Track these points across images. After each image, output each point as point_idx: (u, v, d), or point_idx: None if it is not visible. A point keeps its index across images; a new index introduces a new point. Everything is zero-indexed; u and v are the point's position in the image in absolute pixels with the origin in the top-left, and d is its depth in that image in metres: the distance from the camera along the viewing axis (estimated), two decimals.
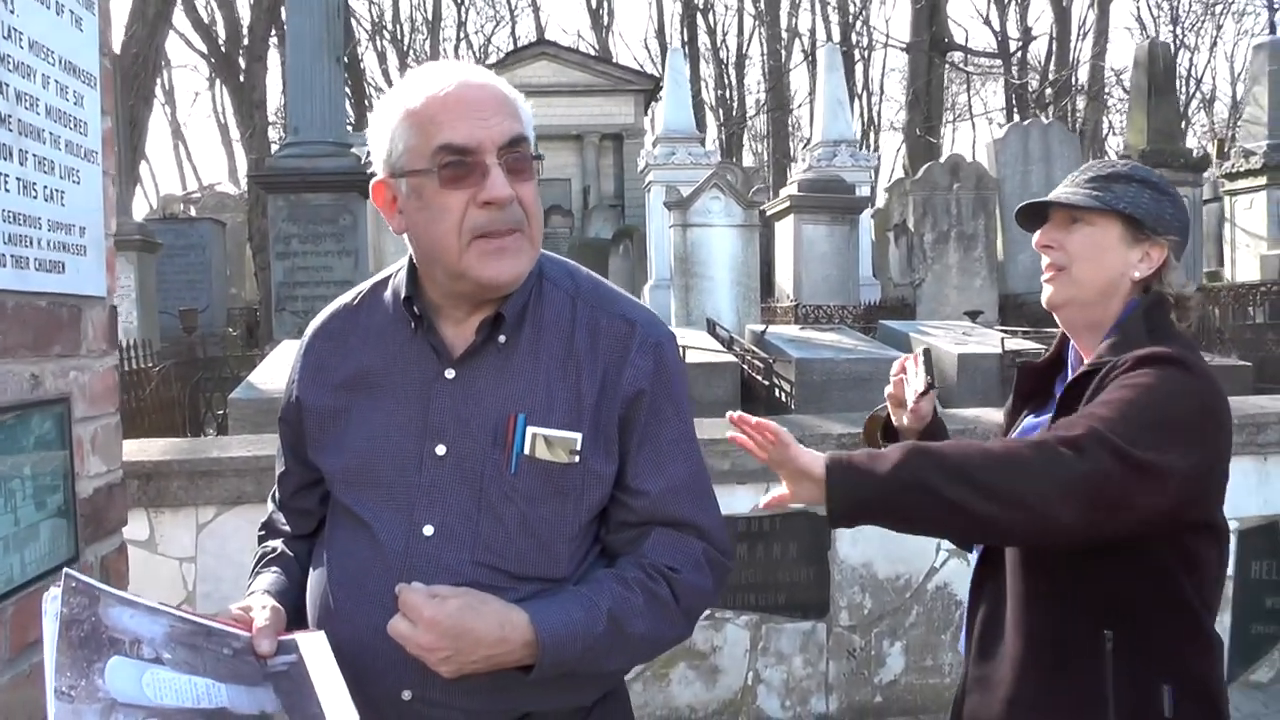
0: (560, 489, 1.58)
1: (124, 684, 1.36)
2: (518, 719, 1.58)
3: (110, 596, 1.40)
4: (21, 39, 1.72)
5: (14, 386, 1.68)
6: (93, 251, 1.98)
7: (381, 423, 1.62)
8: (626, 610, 1.55)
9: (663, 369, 1.65)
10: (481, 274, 1.54)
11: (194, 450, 4.49)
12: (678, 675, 4.51)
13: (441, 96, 1.53)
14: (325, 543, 1.68)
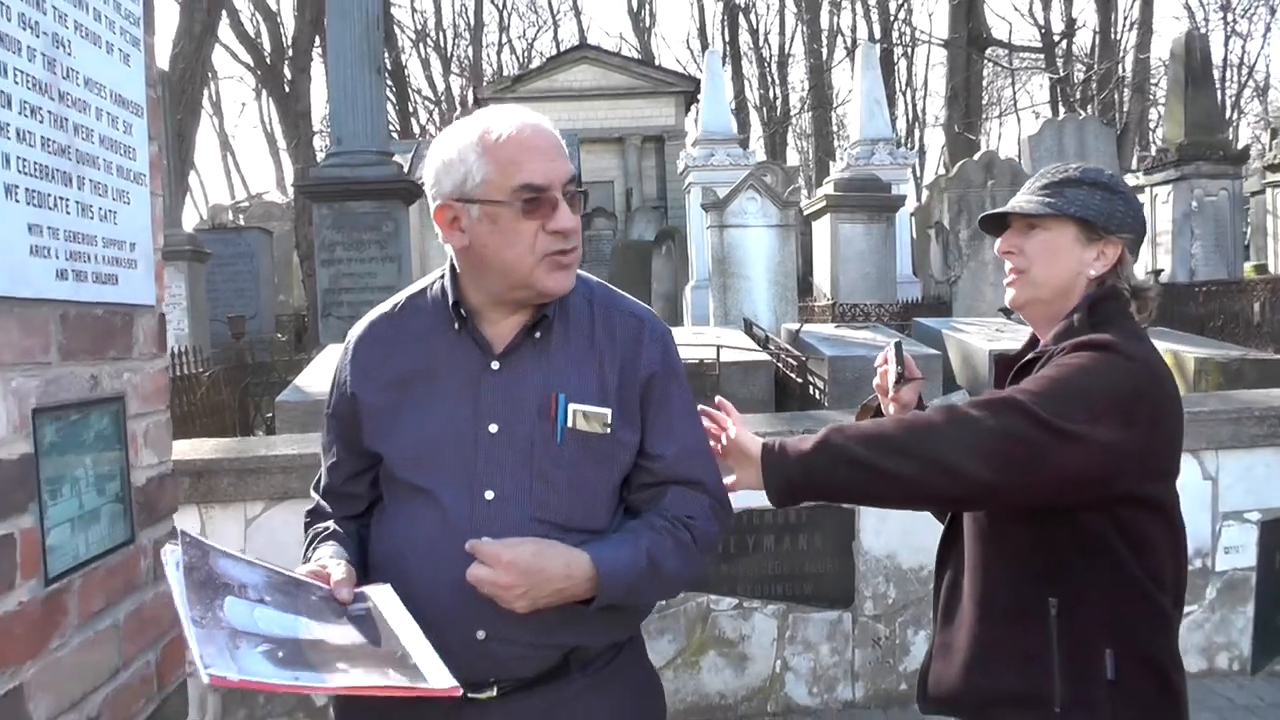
0: (597, 455, 1.87)
1: (239, 618, 1.62)
2: (567, 653, 1.87)
3: (216, 551, 1.71)
4: (78, 77, 1.91)
5: (76, 386, 1.87)
6: (142, 264, 2.18)
7: (437, 410, 1.89)
8: (660, 551, 1.84)
9: (668, 355, 1.98)
10: (548, 285, 1.84)
11: (242, 449, 4.70)
12: (708, 663, 4.66)
13: (520, 139, 1.81)
14: (388, 517, 1.94)
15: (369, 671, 1.60)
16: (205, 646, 1.51)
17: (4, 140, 1.66)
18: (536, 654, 1.84)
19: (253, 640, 1.59)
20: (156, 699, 2.16)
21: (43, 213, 1.77)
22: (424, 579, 1.82)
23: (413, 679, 1.60)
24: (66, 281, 1.85)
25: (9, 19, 1.69)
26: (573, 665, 1.88)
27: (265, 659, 1.55)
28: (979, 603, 2.02)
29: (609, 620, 1.87)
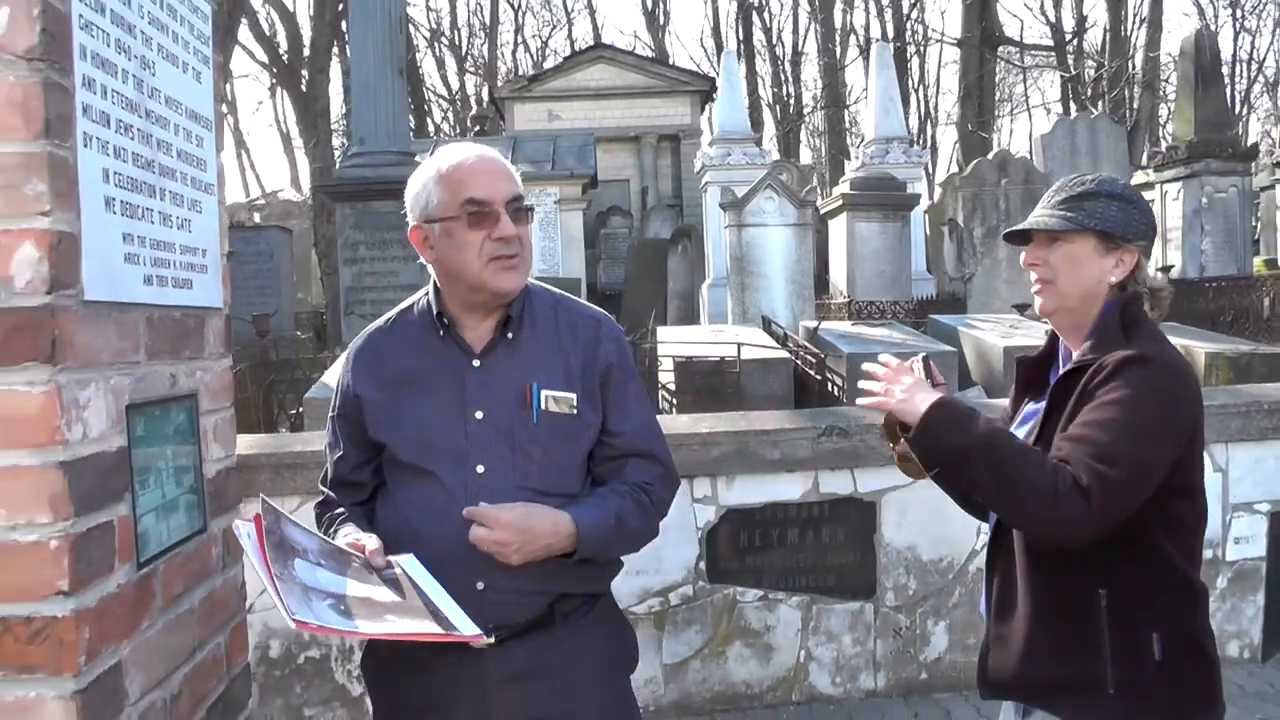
0: (567, 432, 2.24)
1: (307, 576, 1.94)
2: (552, 603, 2.21)
3: (285, 518, 2.05)
4: (160, 96, 2.05)
5: (159, 384, 2.01)
6: (212, 269, 2.31)
7: (430, 403, 2.23)
8: (625, 512, 2.21)
9: (622, 350, 2.35)
10: (495, 284, 2.18)
11: (279, 445, 4.82)
12: (734, 653, 4.78)
13: (465, 165, 2.20)
14: (394, 495, 2.27)
15: (412, 621, 1.94)
16: (288, 598, 1.83)
17: (104, 156, 1.79)
18: (527, 601, 2.19)
19: (320, 595, 1.92)
20: (226, 679, 2.30)
21: (133, 223, 1.90)
22: (431, 542, 2.15)
23: (447, 628, 1.95)
24: (152, 287, 1.98)
25: (108, 44, 1.82)
26: (556, 615, 2.23)
27: (332, 610, 1.90)
28: (1032, 598, 2.16)
29: (585, 574, 2.24)
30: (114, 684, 1.76)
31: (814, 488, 4.79)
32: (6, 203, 1.62)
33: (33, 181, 1.62)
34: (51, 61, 1.64)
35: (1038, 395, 2.36)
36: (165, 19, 2.09)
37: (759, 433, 4.69)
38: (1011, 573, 2.21)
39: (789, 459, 4.71)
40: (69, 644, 1.64)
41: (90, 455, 1.72)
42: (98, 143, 1.77)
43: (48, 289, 1.63)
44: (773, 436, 4.69)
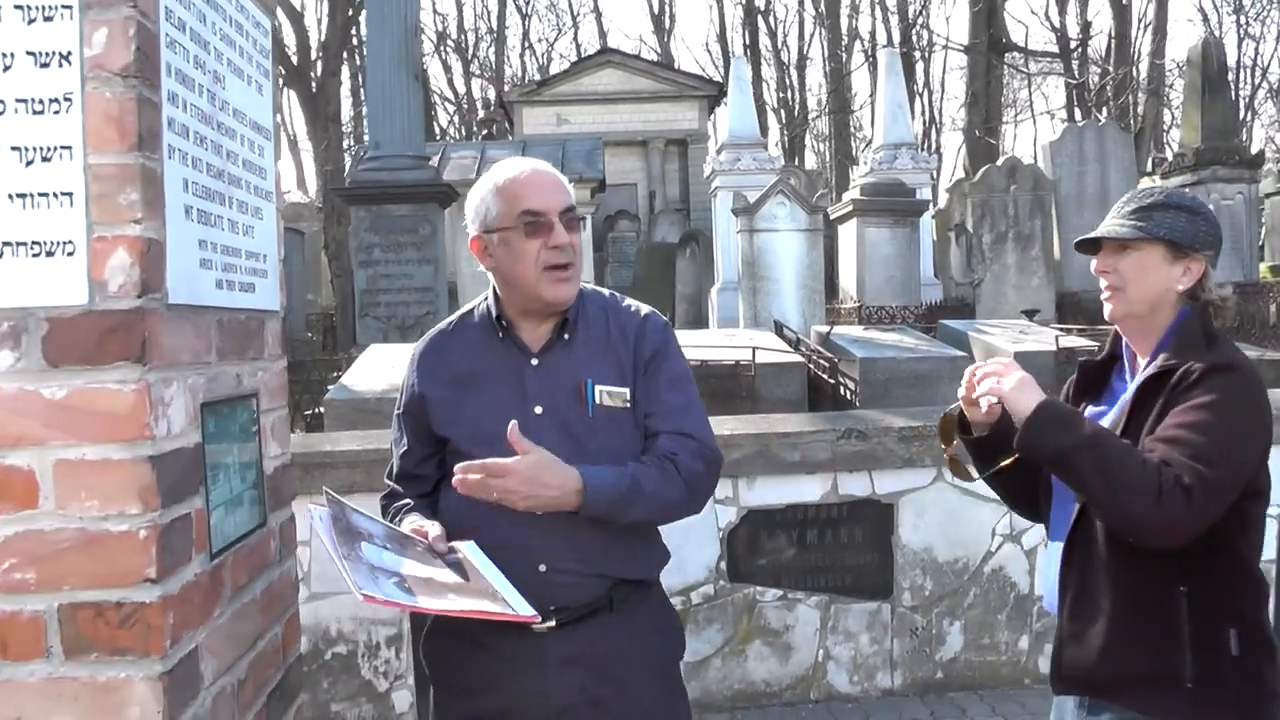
0: (620, 425, 2.39)
1: (373, 557, 2.10)
2: (610, 588, 2.36)
3: (349, 508, 2.26)
4: (229, 108, 2.15)
5: (227, 384, 2.10)
6: (271, 274, 2.41)
7: (490, 398, 2.40)
8: (643, 475, 2.30)
9: (665, 338, 2.49)
10: (549, 295, 2.36)
11: (307, 445, 4.93)
12: (754, 651, 4.88)
13: (521, 179, 2.38)
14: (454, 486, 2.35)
15: (471, 600, 2.10)
16: (356, 576, 2.01)
17: (184, 167, 1.89)
18: (587, 584, 2.33)
19: (386, 574, 2.09)
20: (283, 668, 2.39)
21: (207, 229, 2.00)
22: (492, 529, 2.30)
23: (504, 608, 2.09)
24: (222, 291, 2.08)
25: (188, 61, 1.92)
26: (614, 602, 2.36)
27: (397, 588, 2.06)
28: (1114, 595, 2.26)
29: (639, 557, 2.43)
30: (193, 667, 1.86)
31: (833, 489, 4.89)
32: (102, 211, 1.71)
33: (126, 191, 1.71)
34: (144, 79, 1.74)
35: (1096, 399, 2.47)
36: (233, 34, 2.19)
37: (779, 435, 4.80)
38: (1090, 571, 2.30)
39: (809, 461, 4.82)
40: (156, 628, 1.74)
41: (173, 450, 1.81)
42: (179, 154, 1.87)
43: (138, 293, 1.72)
44: (793, 439, 4.80)
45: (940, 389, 7.66)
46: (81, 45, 1.72)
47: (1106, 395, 2.45)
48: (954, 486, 4.97)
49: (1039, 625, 5.09)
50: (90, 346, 1.72)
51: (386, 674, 4.72)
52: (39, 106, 1.72)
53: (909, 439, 4.92)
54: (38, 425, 1.73)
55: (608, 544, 2.34)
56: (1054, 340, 8.32)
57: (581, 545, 2.31)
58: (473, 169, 20.76)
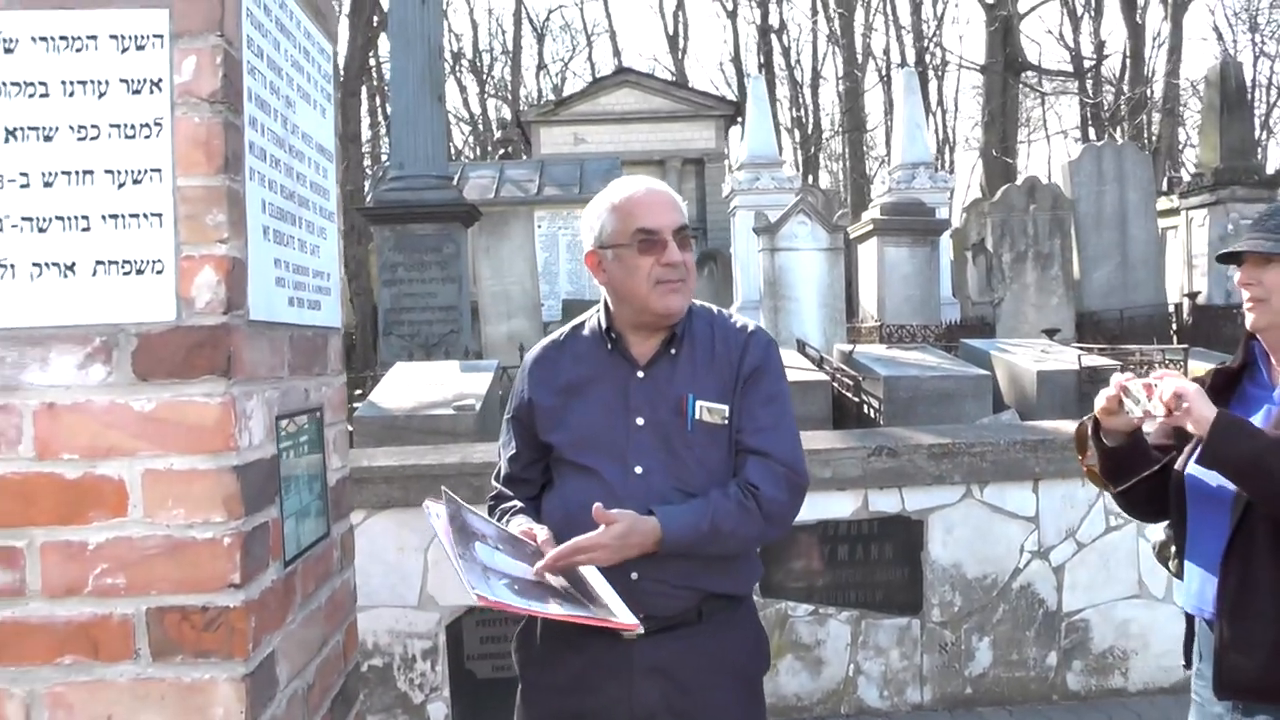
0: (718, 440, 2.45)
1: (486, 558, 2.18)
2: (700, 601, 2.42)
3: (463, 506, 2.33)
4: (298, 132, 2.23)
5: (297, 398, 2.18)
6: (334, 292, 2.49)
7: (596, 407, 2.48)
8: (722, 515, 2.35)
9: (768, 354, 2.53)
10: (661, 306, 2.43)
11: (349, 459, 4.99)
12: (785, 666, 4.92)
13: (636, 197, 2.46)
14: (558, 489, 2.52)
15: (575, 607, 2.17)
16: (470, 575, 2.07)
17: (262, 188, 1.97)
18: (677, 594, 2.39)
19: (497, 575, 2.16)
20: (344, 674, 2.46)
21: (281, 249, 2.07)
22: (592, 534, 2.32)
23: (605, 615, 2.15)
24: (294, 308, 2.15)
25: (265, 86, 2.00)
26: (703, 615, 2.43)
27: (507, 589, 2.13)
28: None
29: (730, 573, 2.47)
30: (271, 670, 1.93)
31: (863, 505, 4.94)
32: (190, 231, 1.79)
33: (213, 212, 1.79)
34: (229, 104, 1.82)
35: (1226, 405, 2.50)
36: (302, 61, 2.27)
37: (811, 452, 4.79)
38: (1253, 578, 2.33)
39: (839, 477, 4.88)
40: (240, 631, 1.80)
41: (254, 461, 1.89)
42: (259, 176, 1.95)
43: (224, 309, 1.80)
44: (824, 456, 4.85)
45: (964, 407, 7.70)
46: (172, 72, 1.80)
47: (1237, 401, 2.50)
48: (982, 503, 5.02)
49: (1066, 642, 5.12)
50: (178, 361, 1.80)
51: (422, 686, 4.78)
52: (131, 131, 1.80)
53: (938, 456, 4.97)
54: (127, 437, 1.80)
55: (699, 560, 2.39)
56: (1076, 359, 8.35)
57: (676, 558, 2.35)
58: (491, 189, 20.92)
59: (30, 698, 1.80)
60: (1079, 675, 5.16)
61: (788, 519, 2.51)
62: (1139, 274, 15.15)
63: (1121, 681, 5.19)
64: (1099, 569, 5.14)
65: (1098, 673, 5.17)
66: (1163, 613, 5.15)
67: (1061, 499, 5.10)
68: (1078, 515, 5.12)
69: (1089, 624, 5.15)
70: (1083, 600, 5.14)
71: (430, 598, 4.74)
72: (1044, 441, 5.07)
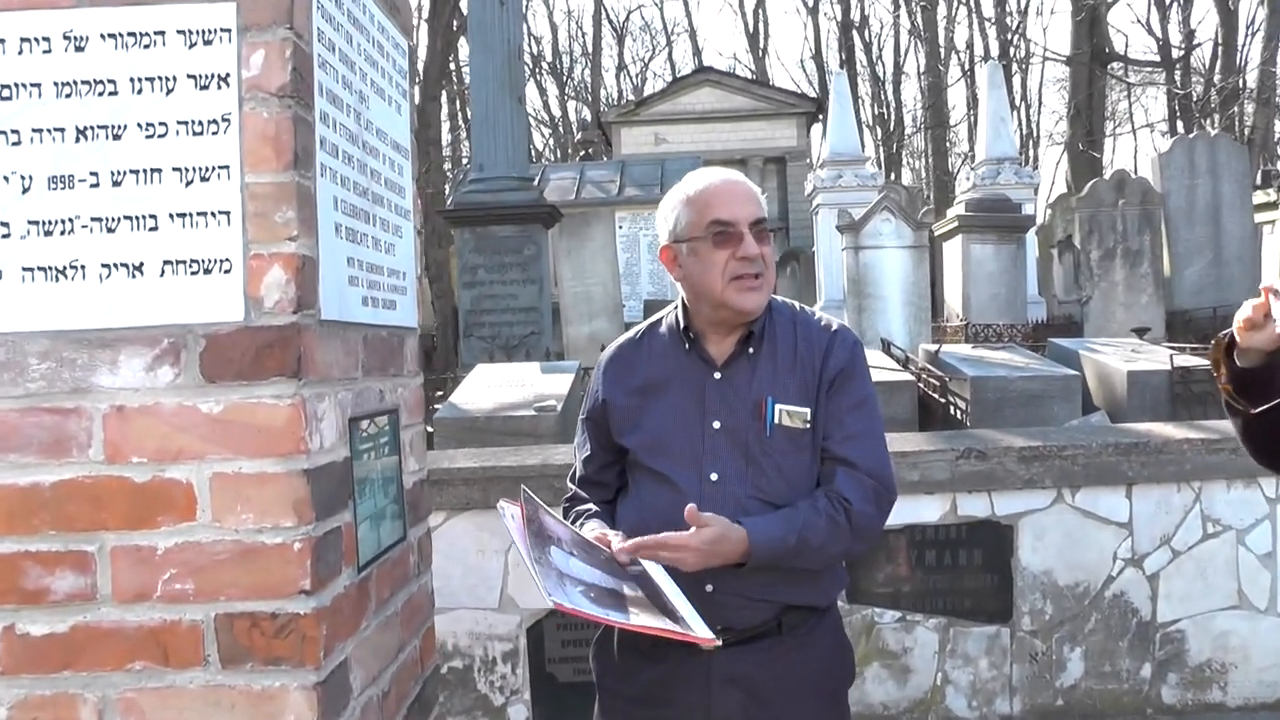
0: (798, 445, 2.32)
1: (562, 563, 2.09)
2: (780, 612, 2.31)
3: (541, 508, 2.21)
4: (373, 128, 2.19)
5: (372, 399, 2.14)
6: (410, 291, 2.45)
7: (671, 410, 2.37)
8: (811, 529, 2.23)
9: (854, 356, 2.40)
10: (737, 303, 2.29)
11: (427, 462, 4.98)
12: (872, 674, 4.81)
13: (711, 189, 2.34)
14: (634, 495, 2.42)
15: (653, 618, 2.05)
16: (546, 581, 1.99)
17: (334, 185, 1.92)
18: (754, 607, 2.28)
19: (574, 582, 2.07)
20: (421, 680, 2.41)
21: (354, 247, 2.03)
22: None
23: (684, 628, 2.03)
24: (368, 308, 2.11)
25: (337, 81, 1.96)
26: (784, 626, 2.32)
27: (583, 596, 2.04)
28: None
29: (812, 585, 2.35)
30: (344, 678, 1.88)
31: (951, 510, 4.81)
32: (258, 229, 1.75)
33: (283, 209, 1.75)
34: (299, 99, 1.78)
35: None
36: (376, 55, 2.23)
37: (898, 454, 4.72)
38: None
39: (927, 480, 4.75)
40: (312, 639, 1.76)
41: (325, 464, 1.84)
42: (330, 172, 1.90)
43: (293, 309, 1.75)
44: (911, 458, 4.73)
45: (1053, 408, 7.49)
46: (240, 67, 1.76)
47: None
48: (1074, 508, 4.86)
49: (1161, 653, 4.94)
50: (247, 362, 1.76)
51: (502, 689, 4.74)
52: (198, 128, 1.77)
53: (1028, 459, 4.81)
54: (196, 439, 1.77)
55: (779, 572, 2.28)
56: (1168, 359, 8.09)
57: (751, 571, 2.23)
58: (572, 190, 20.96)
59: (103, 703, 1.78)
60: (1174, 689, 4.97)
61: (876, 533, 2.41)
62: (1233, 270, 14.68)
63: (1220, 696, 4.98)
64: (1195, 578, 4.95)
65: (1194, 686, 4.98)
66: (1265, 625, 4.95)
67: (1156, 505, 4.92)
68: (1173, 522, 4.93)
69: (1185, 635, 4.96)
70: (1179, 610, 4.95)
71: (511, 600, 4.70)
72: (1137, 445, 4.89)
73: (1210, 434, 4.99)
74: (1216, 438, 4.92)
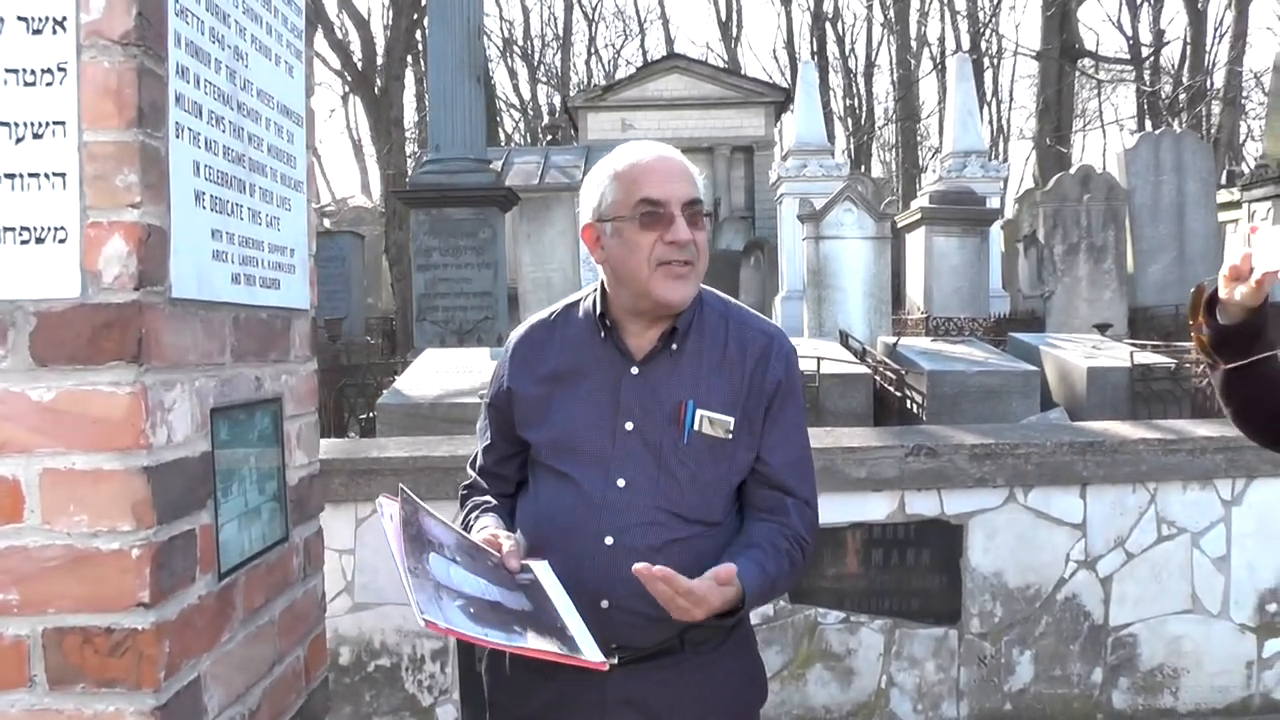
0: (718, 457, 2.11)
1: (440, 573, 1.88)
2: (682, 631, 2.08)
3: (423, 509, 1.99)
4: (252, 88, 1.98)
5: (244, 387, 1.93)
6: (300, 270, 2.24)
7: (581, 405, 2.15)
8: (779, 574, 2.08)
9: (791, 371, 2.21)
10: (661, 293, 2.07)
11: (354, 450, 4.78)
12: (814, 676, 4.65)
13: (642, 164, 2.11)
14: (532, 495, 2.22)
15: (538, 638, 1.85)
16: (419, 595, 1.78)
17: (195, 148, 1.72)
18: (653, 627, 2.04)
19: (452, 595, 1.85)
20: (304, 693, 2.22)
21: (223, 218, 1.83)
22: (562, 551, 2.07)
23: (572, 650, 1.84)
24: (240, 286, 1.91)
25: (202, 32, 1.76)
26: (687, 644, 2.11)
27: (461, 613, 1.82)
28: None
29: None
30: (193, 699, 1.69)
31: (900, 508, 4.66)
32: (96, 194, 1.55)
33: (124, 172, 1.55)
34: (146, 48, 1.57)
35: None
36: (259, 9, 2.02)
37: (845, 450, 4.56)
38: None
39: (875, 478, 4.59)
40: (149, 658, 1.56)
41: (175, 460, 1.64)
42: (189, 134, 1.70)
43: (136, 285, 1.55)
44: (859, 455, 4.57)
45: (1011, 404, 7.38)
46: (78, 10, 1.55)
47: None
48: (1026, 508, 4.71)
49: (1113, 658, 4.81)
50: (82, 344, 1.56)
51: (431, 688, 4.56)
52: (30, 78, 1.56)
53: (980, 457, 4.66)
54: (24, 430, 1.56)
55: None
56: (1129, 356, 7.98)
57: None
58: (536, 174, 20.73)
59: None
60: (1125, 693, 4.85)
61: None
62: (1197, 269, 14.65)
63: (1171, 701, 4.86)
64: (1149, 581, 4.82)
65: (1146, 691, 4.86)
66: (1218, 629, 4.83)
67: (1111, 506, 4.78)
68: (1128, 523, 4.80)
69: (1137, 639, 4.83)
70: (1131, 614, 4.82)
71: None
72: (1093, 444, 4.75)
73: (1167, 434, 4.86)
74: (1174, 438, 4.79)
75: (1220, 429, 4.96)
